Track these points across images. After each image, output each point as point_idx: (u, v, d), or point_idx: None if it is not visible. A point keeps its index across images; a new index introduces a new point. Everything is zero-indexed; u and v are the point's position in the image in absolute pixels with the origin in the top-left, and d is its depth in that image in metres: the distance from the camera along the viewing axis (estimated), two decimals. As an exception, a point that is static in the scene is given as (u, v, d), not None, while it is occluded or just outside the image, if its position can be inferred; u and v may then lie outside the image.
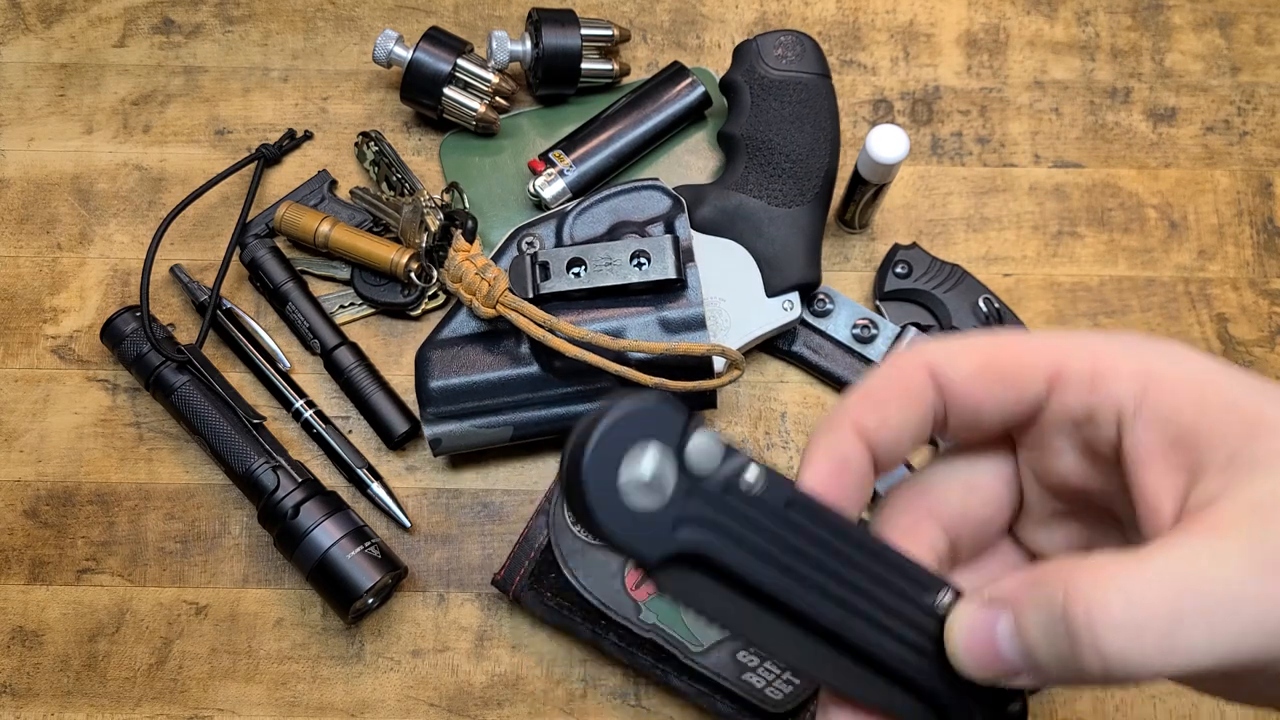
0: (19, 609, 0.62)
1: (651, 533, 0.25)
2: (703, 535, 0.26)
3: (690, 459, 0.25)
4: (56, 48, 0.72)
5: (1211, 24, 0.73)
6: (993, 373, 0.28)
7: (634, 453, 0.25)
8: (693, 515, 0.25)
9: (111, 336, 0.64)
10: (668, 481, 0.25)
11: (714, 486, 0.26)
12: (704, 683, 0.58)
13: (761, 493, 0.26)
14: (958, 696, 0.27)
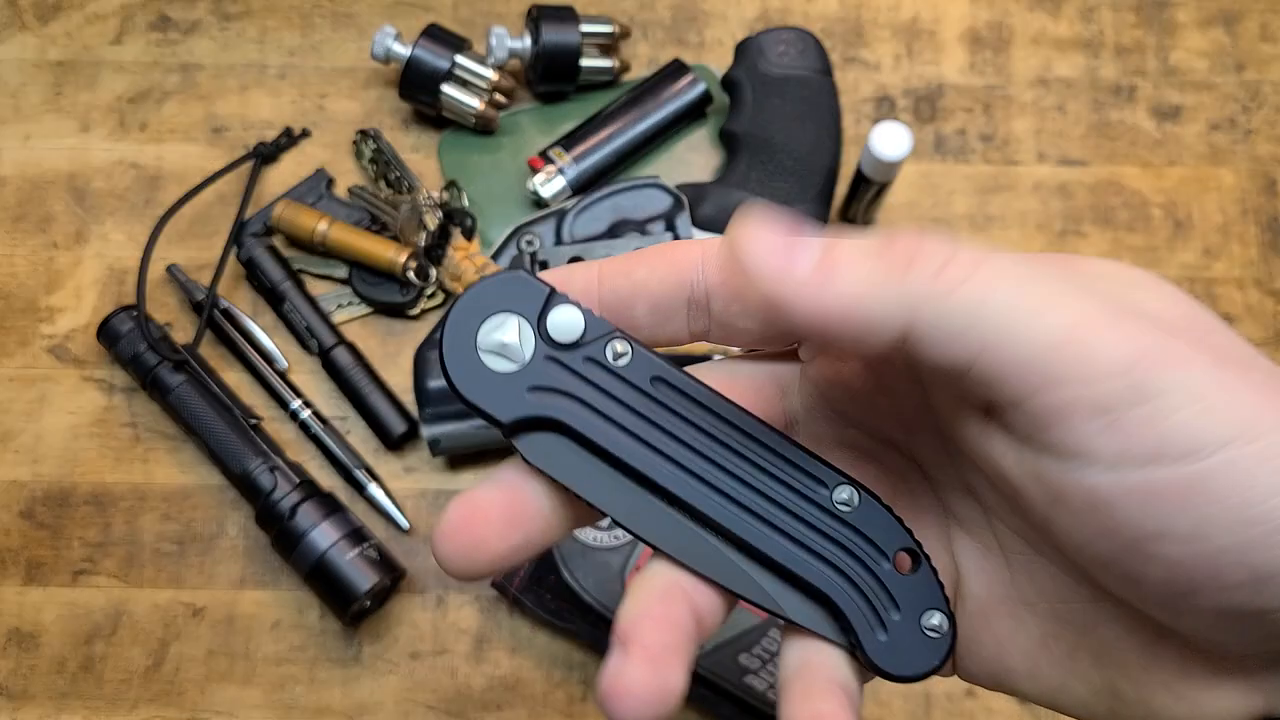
0: (14, 610, 0.62)
1: (505, 395, 0.26)
2: (559, 401, 0.26)
3: (552, 328, 0.26)
4: (52, 45, 0.71)
5: (1216, 21, 0.72)
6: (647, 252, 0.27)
7: (494, 319, 0.26)
8: (551, 382, 0.26)
9: (108, 336, 0.63)
10: (526, 347, 0.26)
11: (576, 357, 0.26)
12: (705, 685, 0.57)
13: (626, 366, 0.26)
14: (859, 600, 0.26)
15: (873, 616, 0.26)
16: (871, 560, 0.26)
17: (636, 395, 0.26)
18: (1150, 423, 0.20)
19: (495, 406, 0.26)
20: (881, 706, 0.60)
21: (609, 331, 0.26)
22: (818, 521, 0.26)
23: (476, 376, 0.26)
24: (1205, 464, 0.20)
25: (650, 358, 0.26)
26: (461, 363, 0.26)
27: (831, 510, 0.26)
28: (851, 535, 0.26)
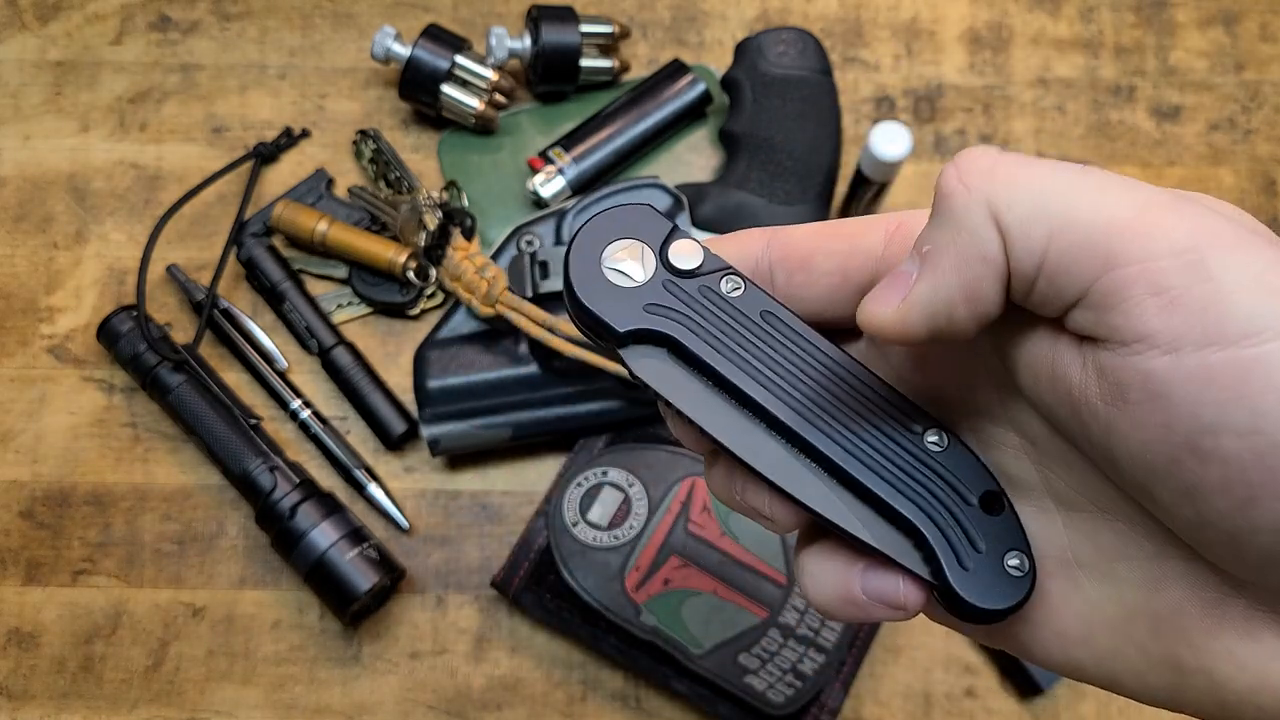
0: (15, 610, 0.62)
1: (623, 307, 0.27)
2: (672, 320, 0.27)
3: (673, 257, 0.28)
4: (52, 45, 0.71)
5: (1216, 21, 0.72)
6: (829, 231, 0.28)
7: (621, 241, 0.28)
8: (666, 301, 0.27)
9: (108, 336, 0.63)
10: (648, 268, 0.28)
11: (692, 284, 0.28)
12: (705, 685, 0.57)
13: (739, 298, 0.27)
14: (946, 534, 0.27)
15: (957, 551, 0.26)
16: (958, 500, 0.27)
17: (745, 324, 0.27)
18: (1209, 303, 0.20)
19: (612, 315, 0.27)
20: (881, 706, 0.60)
21: (725, 267, 0.28)
22: (910, 460, 0.27)
23: (597, 287, 0.27)
24: (1262, 349, 0.19)
25: (761, 294, 0.28)
26: (585, 272, 0.27)
27: (923, 450, 0.27)
28: (940, 475, 0.27)
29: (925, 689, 0.61)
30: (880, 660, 0.61)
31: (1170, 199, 0.21)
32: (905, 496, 0.27)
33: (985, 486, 0.27)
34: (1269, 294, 0.20)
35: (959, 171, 0.23)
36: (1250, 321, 0.20)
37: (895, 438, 0.27)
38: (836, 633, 0.57)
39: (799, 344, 0.27)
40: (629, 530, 0.58)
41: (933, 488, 0.27)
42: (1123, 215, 0.21)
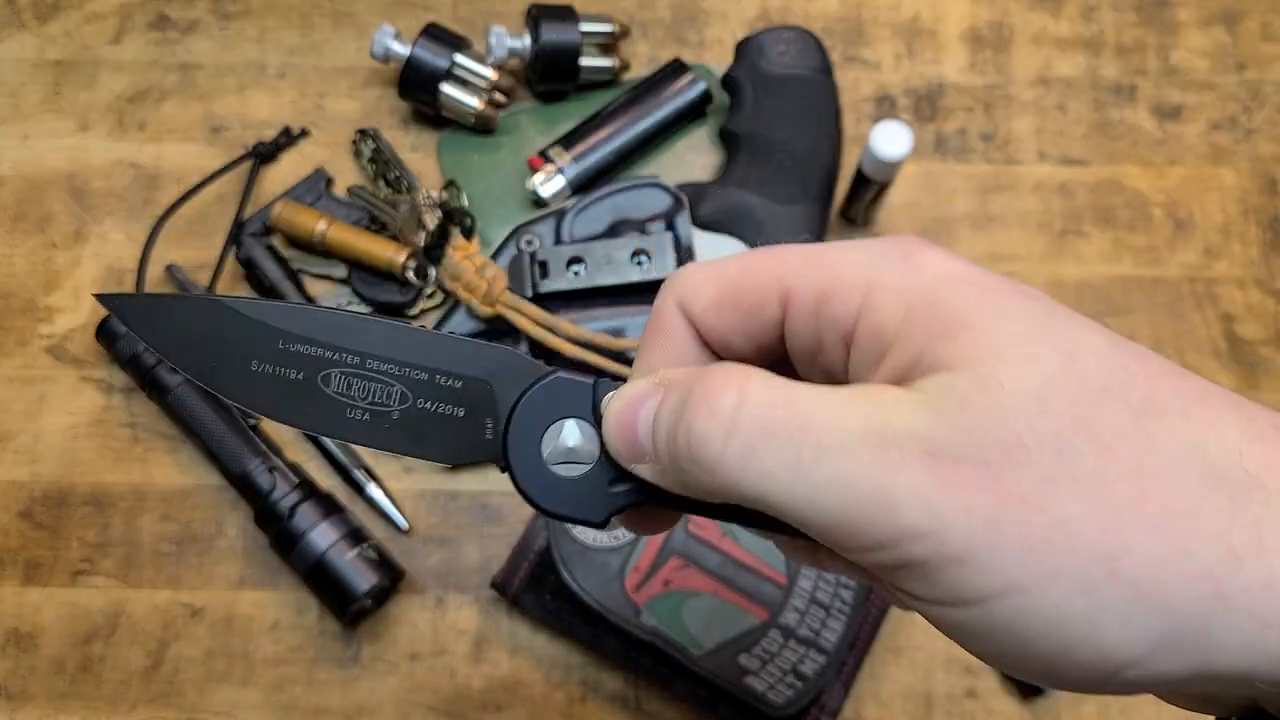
0: (13, 611, 0.62)
1: (590, 498, 0.27)
2: (639, 486, 0.27)
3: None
4: (51, 44, 0.71)
5: (1217, 20, 0.72)
6: (730, 301, 0.26)
7: (553, 429, 0.27)
8: (624, 471, 0.27)
9: (106, 336, 0.63)
10: (591, 444, 0.27)
11: None
12: (705, 686, 0.57)
13: None
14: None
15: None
16: None
17: None
18: (946, 578, 0.22)
19: (587, 512, 0.27)
20: (882, 707, 0.60)
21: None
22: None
23: (558, 491, 0.27)
24: (985, 609, 0.22)
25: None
26: (539, 483, 0.27)
27: None
28: None
29: (926, 690, 0.61)
30: (881, 661, 0.61)
31: (909, 477, 0.22)
32: None
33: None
34: (979, 571, 0.22)
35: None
36: (971, 592, 0.22)
37: None
38: (837, 634, 0.57)
39: None
40: (629, 531, 0.58)
41: None
42: (847, 509, 0.22)
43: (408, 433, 0.28)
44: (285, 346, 0.28)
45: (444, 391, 0.28)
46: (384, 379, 0.28)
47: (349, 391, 0.28)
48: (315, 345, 0.28)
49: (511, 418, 0.27)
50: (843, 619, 0.57)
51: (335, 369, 0.28)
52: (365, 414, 0.28)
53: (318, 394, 0.28)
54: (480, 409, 0.28)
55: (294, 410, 0.28)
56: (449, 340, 0.28)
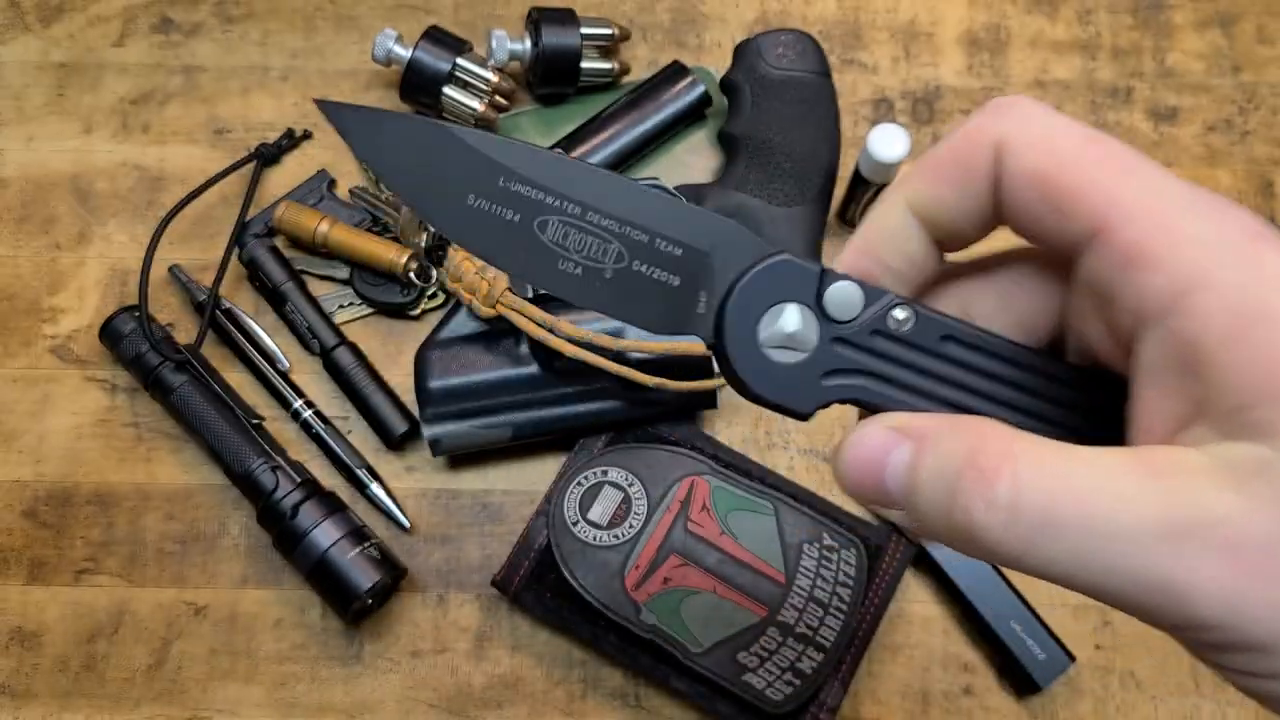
0: (18, 610, 0.62)
1: (802, 386, 0.26)
2: (854, 381, 0.26)
3: (830, 308, 0.26)
4: (55, 47, 0.72)
5: (1213, 23, 0.73)
6: (1048, 186, 0.24)
7: (773, 312, 0.26)
8: (842, 363, 0.26)
9: (110, 336, 0.64)
10: (810, 332, 0.26)
11: (860, 331, 0.26)
12: (704, 683, 0.58)
13: (912, 331, 0.26)
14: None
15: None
16: None
17: (928, 358, 0.26)
18: (1246, 661, 0.21)
19: (795, 400, 0.26)
20: (880, 705, 0.61)
21: (888, 299, 0.26)
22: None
23: (770, 375, 0.26)
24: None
25: (934, 318, 0.26)
26: (751, 364, 0.26)
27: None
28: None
29: (923, 687, 0.61)
30: (879, 659, 0.61)
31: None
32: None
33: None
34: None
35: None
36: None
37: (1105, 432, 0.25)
38: (835, 631, 0.57)
39: (989, 360, 0.26)
40: (629, 529, 0.58)
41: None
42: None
43: (618, 294, 0.26)
44: (506, 184, 0.26)
45: (662, 257, 0.27)
46: (602, 234, 0.26)
47: (564, 241, 0.26)
48: (537, 188, 0.26)
49: (731, 293, 0.26)
50: (841, 617, 0.58)
51: (554, 216, 0.26)
52: (578, 268, 0.26)
53: (532, 239, 0.26)
54: (696, 280, 0.26)
55: (504, 252, 0.26)
56: (675, 204, 0.27)
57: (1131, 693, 0.61)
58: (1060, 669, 0.59)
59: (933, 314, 0.26)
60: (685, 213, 0.27)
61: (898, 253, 0.26)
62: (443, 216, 0.26)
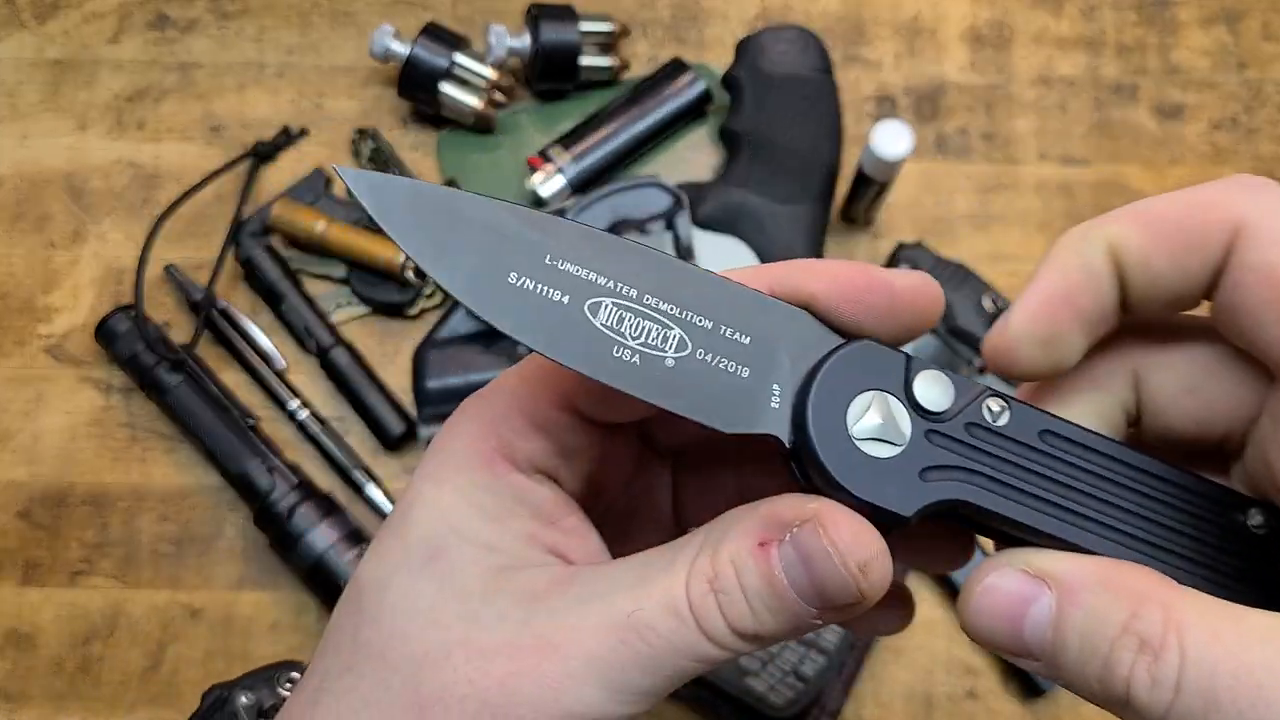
0: (12, 611, 0.61)
1: (899, 484, 0.23)
2: (956, 480, 0.24)
3: (922, 398, 0.24)
4: (50, 43, 0.71)
5: (1218, 20, 0.72)
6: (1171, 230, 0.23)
7: (860, 400, 0.24)
8: (941, 459, 0.24)
9: (105, 336, 0.63)
10: (904, 424, 0.24)
11: (955, 425, 0.24)
12: (705, 687, 0.57)
13: (1009, 424, 0.24)
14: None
15: None
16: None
17: (1028, 453, 0.24)
18: None
19: (894, 500, 0.23)
20: (883, 708, 0.60)
21: (980, 390, 0.24)
22: (1241, 547, 0.24)
23: (863, 470, 0.23)
24: None
25: (1031, 411, 0.24)
26: (843, 458, 0.23)
27: (1249, 533, 0.24)
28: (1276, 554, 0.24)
29: (927, 690, 0.60)
30: (881, 662, 0.61)
31: None
32: (1250, 592, 0.24)
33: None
34: None
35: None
36: None
37: (1224, 533, 0.24)
38: (838, 634, 0.57)
39: (1092, 457, 0.24)
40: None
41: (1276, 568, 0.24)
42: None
43: (682, 385, 0.24)
44: (553, 263, 0.24)
45: (729, 346, 0.24)
46: (661, 319, 0.24)
47: (619, 327, 0.24)
48: (588, 268, 0.24)
49: (813, 382, 0.23)
50: (843, 619, 0.57)
51: (607, 298, 0.24)
52: (635, 356, 0.24)
53: (582, 323, 0.23)
54: (768, 372, 0.24)
55: (551, 337, 0.23)
56: (739, 290, 0.24)
57: (1136, 696, 0.60)
58: (1065, 672, 0.59)
59: (1026, 406, 0.24)
60: (751, 299, 0.24)
61: (1092, 294, 0.24)
62: (482, 297, 0.23)
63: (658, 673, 0.23)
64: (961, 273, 0.65)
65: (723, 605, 0.23)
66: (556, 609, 0.24)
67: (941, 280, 0.65)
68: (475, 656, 0.23)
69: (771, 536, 0.23)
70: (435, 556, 0.25)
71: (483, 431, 0.26)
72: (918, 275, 0.25)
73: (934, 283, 0.25)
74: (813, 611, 0.23)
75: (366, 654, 0.24)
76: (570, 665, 0.23)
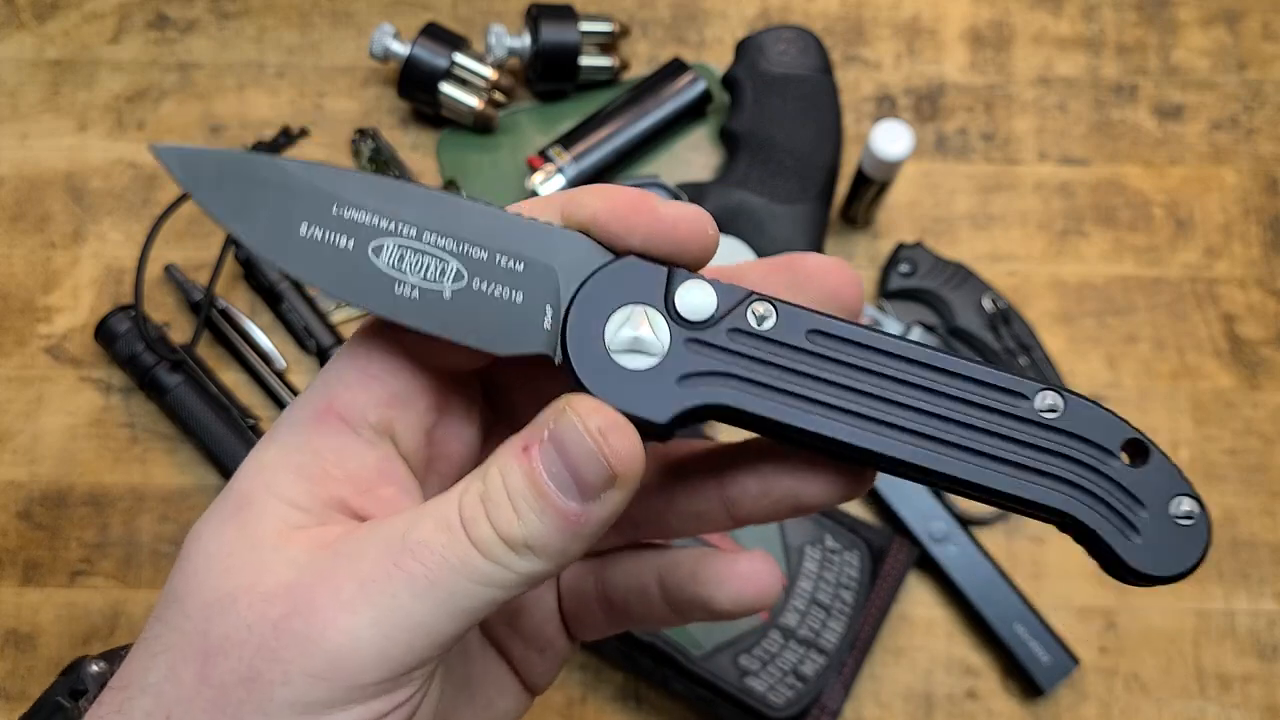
0: (12, 611, 0.61)
1: (654, 393, 0.24)
2: (715, 385, 0.24)
3: (683, 308, 0.25)
4: (50, 44, 0.71)
5: (1218, 20, 0.72)
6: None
7: (618, 314, 0.24)
8: (699, 366, 0.24)
9: (105, 336, 0.63)
10: (661, 335, 0.24)
11: (718, 331, 0.24)
12: (704, 687, 0.57)
13: (774, 327, 0.24)
14: (1100, 507, 0.23)
15: (1119, 520, 0.24)
16: (1098, 461, 0.24)
17: (795, 354, 0.24)
18: None
19: (648, 409, 0.24)
20: (883, 708, 0.60)
21: (745, 296, 0.25)
22: (1029, 436, 0.24)
23: (618, 382, 0.24)
24: None
25: (798, 312, 0.25)
26: (597, 371, 0.24)
27: (1038, 420, 0.24)
28: (1068, 441, 0.24)
29: (927, 690, 0.60)
30: (881, 662, 0.61)
31: None
32: (1041, 482, 0.24)
33: (1123, 435, 0.24)
34: None
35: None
36: None
37: (1005, 418, 0.24)
38: (838, 634, 0.57)
39: (862, 353, 0.24)
40: None
41: (1066, 457, 0.24)
42: None
43: (459, 315, 0.25)
44: (339, 211, 0.25)
45: (504, 273, 0.25)
46: (439, 254, 0.25)
47: (400, 265, 0.25)
48: (370, 212, 0.25)
49: (574, 300, 0.24)
50: (843, 620, 0.57)
51: (388, 239, 0.25)
52: (414, 291, 0.25)
53: (365, 264, 0.25)
54: (541, 295, 0.25)
55: (338, 280, 0.25)
56: (516, 220, 0.26)
57: (1136, 696, 0.60)
58: (1064, 672, 0.59)
59: (795, 308, 0.25)
60: (529, 228, 0.25)
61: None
62: (276, 249, 0.25)
63: (434, 597, 0.23)
64: (962, 273, 0.65)
65: (489, 511, 0.24)
66: (340, 550, 0.24)
67: (941, 280, 0.65)
68: (257, 600, 0.23)
69: (534, 440, 0.24)
70: (242, 508, 0.25)
71: (320, 388, 0.27)
72: (688, 207, 0.26)
73: (704, 214, 0.26)
74: (573, 506, 0.23)
75: (170, 600, 0.25)
76: (342, 595, 0.23)
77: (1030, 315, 0.66)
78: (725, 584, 0.28)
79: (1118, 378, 0.65)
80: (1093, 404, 0.24)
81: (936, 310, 0.65)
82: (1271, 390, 0.65)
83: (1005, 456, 0.24)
